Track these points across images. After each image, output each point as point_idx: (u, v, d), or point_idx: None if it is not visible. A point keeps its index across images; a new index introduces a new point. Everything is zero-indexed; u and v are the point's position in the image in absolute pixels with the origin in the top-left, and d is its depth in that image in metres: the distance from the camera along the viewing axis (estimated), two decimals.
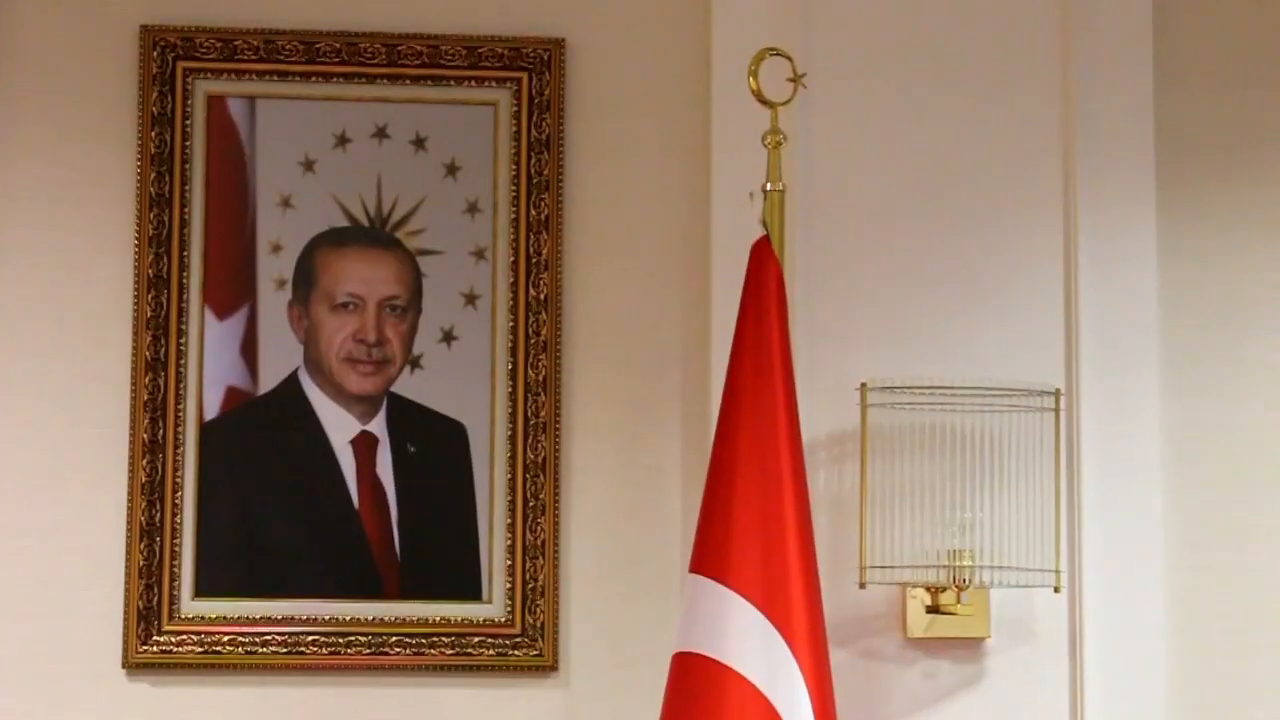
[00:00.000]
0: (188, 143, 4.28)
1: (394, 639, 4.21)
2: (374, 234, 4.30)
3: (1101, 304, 4.22)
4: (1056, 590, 4.05)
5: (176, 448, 4.22)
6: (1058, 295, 4.23)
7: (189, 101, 4.28)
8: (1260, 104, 4.38)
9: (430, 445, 4.26)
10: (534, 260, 4.30)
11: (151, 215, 4.25)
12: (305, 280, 4.28)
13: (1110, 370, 4.21)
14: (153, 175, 4.26)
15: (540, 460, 4.26)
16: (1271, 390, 4.33)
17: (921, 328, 4.21)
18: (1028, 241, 4.24)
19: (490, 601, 4.24)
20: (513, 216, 4.31)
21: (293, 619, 4.20)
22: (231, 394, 4.25)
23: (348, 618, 4.21)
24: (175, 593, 4.20)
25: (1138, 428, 4.22)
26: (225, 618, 4.20)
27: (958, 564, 4.01)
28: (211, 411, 4.24)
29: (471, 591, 4.24)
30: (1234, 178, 4.36)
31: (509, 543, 4.24)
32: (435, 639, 4.21)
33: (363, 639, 4.21)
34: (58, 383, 4.22)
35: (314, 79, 4.31)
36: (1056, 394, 4.09)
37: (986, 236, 4.24)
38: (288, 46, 4.30)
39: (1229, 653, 4.27)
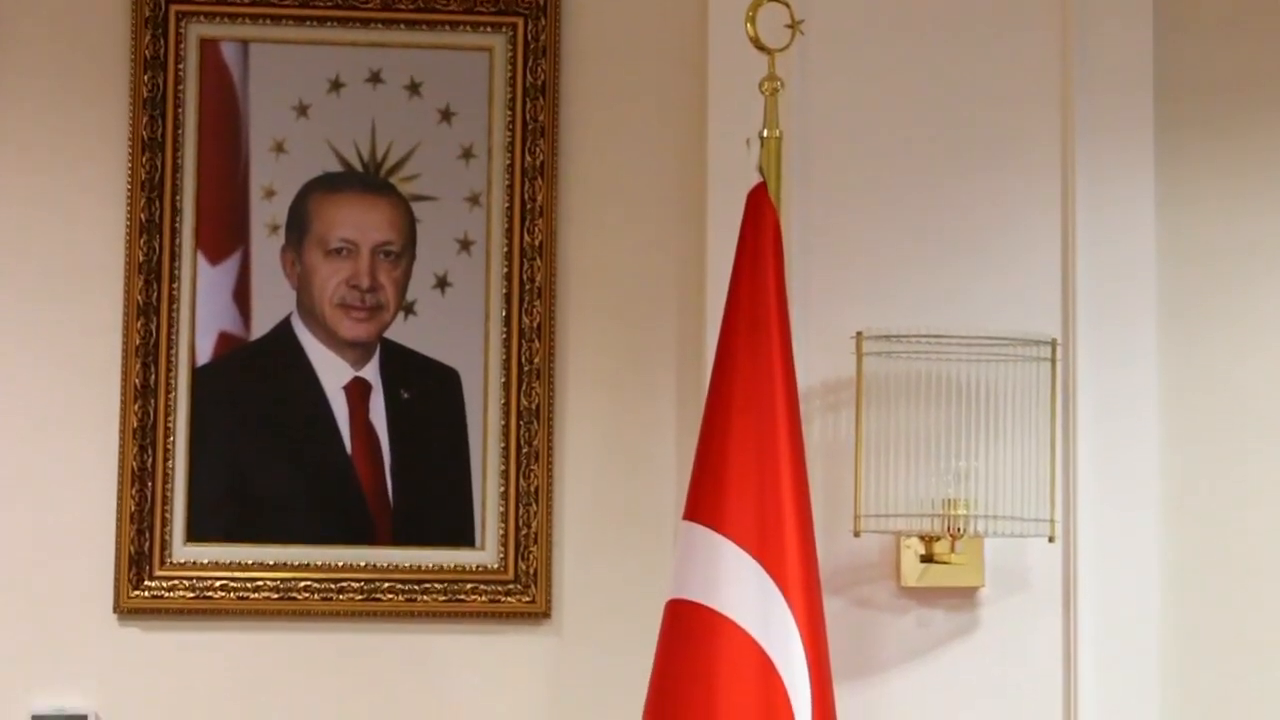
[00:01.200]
0: (180, 87, 4.25)
1: (386, 585, 4.20)
2: (368, 179, 4.28)
3: (1098, 253, 4.21)
4: (1051, 540, 4.04)
5: (168, 393, 4.20)
6: (1054, 244, 4.21)
7: (182, 45, 4.26)
8: (1260, 50, 4.36)
9: (423, 391, 4.25)
10: (529, 206, 4.29)
11: (144, 160, 4.23)
12: (298, 225, 4.26)
13: (1107, 320, 4.20)
14: (145, 119, 4.23)
15: (534, 407, 4.25)
16: (1269, 338, 4.32)
17: (918, 276, 4.20)
18: (1025, 190, 4.22)
19: (483, 548, 4.24)
20: (507, 162, 4.29)
21: (285, 565, 4.20)
22: (224, 339, 4.23)
23: (340, 564, 4.20)
24: (167, 538, 4.18)
25: (1134, 377, 4.21)
26: (217, 563, 4.19)
27: (952, 513, 4.00)
28: (204, 357, 4.23)
29: (464, 538, 4.23)
30: (1233, 125, 4.34)
31: (502, 489, 4.23)
32: (428, 585, 4.21)
33: (355, 585, 4.20)
34: (49, 328, 4.20)
35: (308, 23, 4.28)
36: (1053, 344, 4.08)
37: (984, 184, 4.23)
38: None
39: (1223, 602, 4.26)
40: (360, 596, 4.20)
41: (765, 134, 3.92)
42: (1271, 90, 4.35)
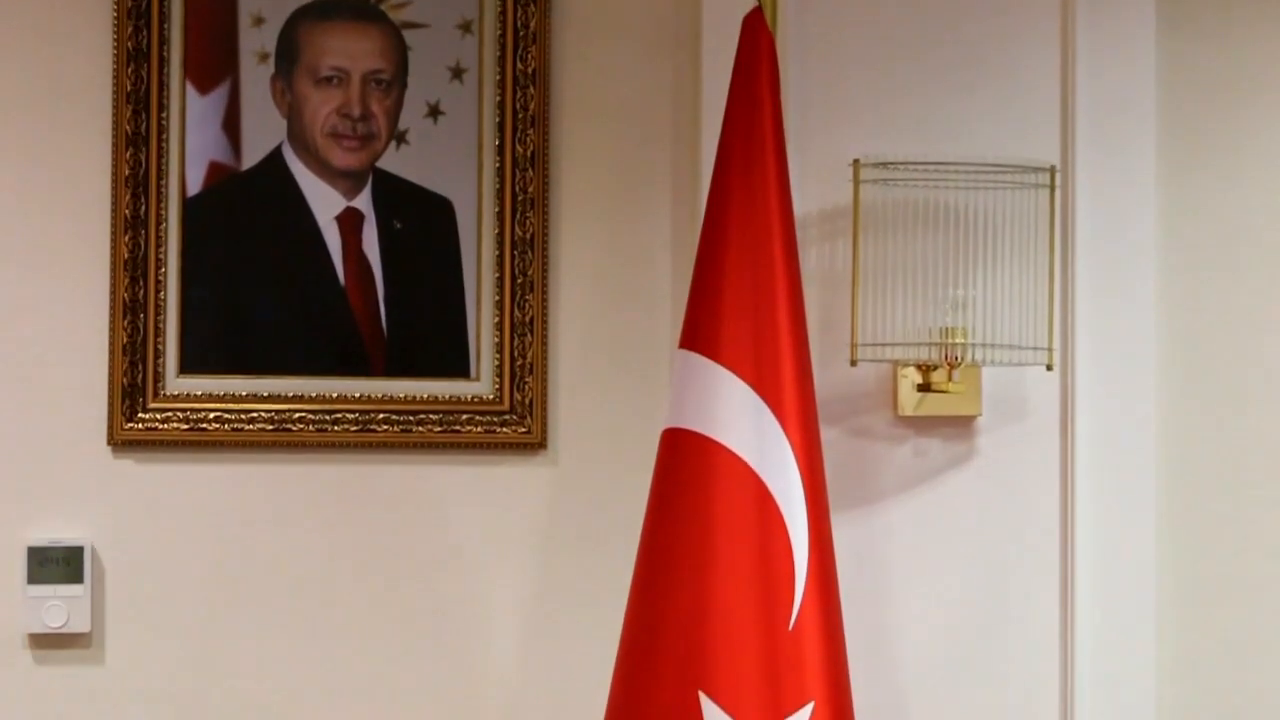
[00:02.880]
0: None
1: (381, 416, 4.19)
2: (357, 6, 4.21)
3: (1098, 79, 4.16)
4: (1049, 368, 4.03)
5: (159, 224, 4.17)
6: (1054, 70, 4.16)
7: None
8: None
9: (417, 222, 4.21)
10: (522, 33, 4.22)
11: None
12: (288, 54, 4.20)
13: (1106, 146, 4.16)
14: None
15: (528, 236, 4.22)
16: (1268, 164, 4.28)
17: (916, 103, 4.15)
18: (1025, 15, 4.17)
19: (478, 379, 4.22)
20: None
21: (279, 396, 4.18)
22: (214, 169, 4.19)
23: (335, 395, 4.19)
24: (160, 370, 4.16)
25: (1133, 205, 4.18)
26: (211, 395, 4.17)
27: (950, 341, 3.98)
28: (194, 187, 4.18)
29: (459, 369, 4.22)
30: None
31: (496, 320, 4.21)
32: (423, 416, 4.20)
33: (350, 416, 4.19)
34: (36, 159, 4.15)
35: None
36: (1051, 171, 4.04)
37: (983, 10, 4.17)
38: None
39: (1220, 425, 4.26)
40: (355, 428, 4.19)
41: None
42: None
